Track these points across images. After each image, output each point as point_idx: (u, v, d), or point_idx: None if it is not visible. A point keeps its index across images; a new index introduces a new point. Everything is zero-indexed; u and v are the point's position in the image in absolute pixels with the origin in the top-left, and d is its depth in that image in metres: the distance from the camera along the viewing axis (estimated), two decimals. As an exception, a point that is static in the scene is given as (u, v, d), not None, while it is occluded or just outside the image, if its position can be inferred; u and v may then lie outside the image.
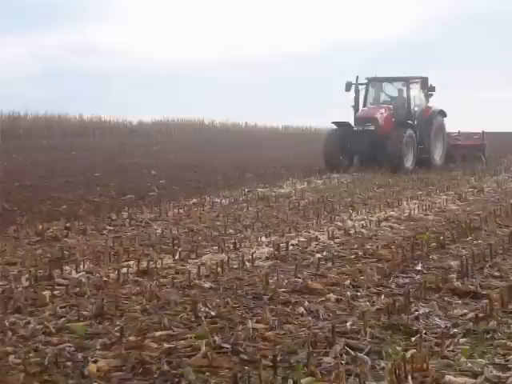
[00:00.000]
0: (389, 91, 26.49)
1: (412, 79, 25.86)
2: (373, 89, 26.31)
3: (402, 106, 25.57)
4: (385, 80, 26.45)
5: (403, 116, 25.35)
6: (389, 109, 25.25)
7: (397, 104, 25.64)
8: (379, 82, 26.46)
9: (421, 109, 25.89)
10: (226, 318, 6.46)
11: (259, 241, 10.81)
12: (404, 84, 25.85)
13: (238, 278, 8.20)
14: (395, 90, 26.29)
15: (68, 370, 5.17)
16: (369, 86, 26.15)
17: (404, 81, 25.88)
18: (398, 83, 26.20)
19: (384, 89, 26.55)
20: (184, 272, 8.55)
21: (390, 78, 26.38)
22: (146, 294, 7.32)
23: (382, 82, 26.49)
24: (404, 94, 25.73)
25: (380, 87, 26.53)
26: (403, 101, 25.63)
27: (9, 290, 7.66)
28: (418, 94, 26.09)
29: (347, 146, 24.84)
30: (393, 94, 26.36)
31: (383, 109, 25.18)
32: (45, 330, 6.14)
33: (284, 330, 6.14)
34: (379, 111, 24.93)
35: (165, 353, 5.47)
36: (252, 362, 5.31)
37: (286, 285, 7.75)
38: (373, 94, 26.24)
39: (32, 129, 45.87)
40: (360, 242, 10.56)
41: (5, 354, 5.51)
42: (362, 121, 24.86)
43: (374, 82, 26.24)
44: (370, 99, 26.10)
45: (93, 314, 6.66)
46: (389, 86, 26.48)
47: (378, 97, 26.33)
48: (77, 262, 9.07)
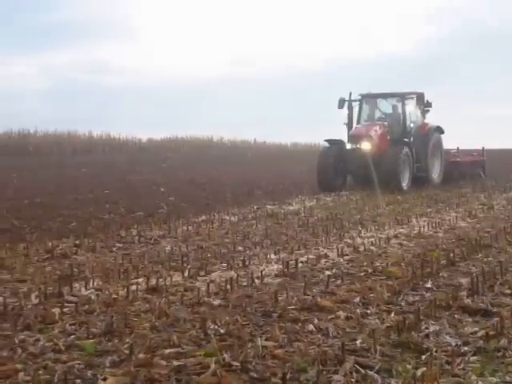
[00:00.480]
0: (383, 108, 25.55)
1: (407, 95, 24.98)
2: (367, 105, 25.36)
3: (398, 123, 24.67)
4: (379, 96, 25.53)
5: (399, 133, 24.42)
6: (383, 126, 24.30)
7: (392, 121, 24.74)
8: (373, 99, 25.55)
9: (417, 125, 25.08)
10: (236, 335, 6.43)
11: (268, 258, 10.80)
12: (399, 100, 24.97)
13: (247, 296, 8.18)
14: (390, 107, 25.40)
15: (77, 387, 5.16)
16: (362, 103, 25.20)
17: (399, 97, 24.97)
18: (392, 99, 25.29)
19: (378, 105, 25.57)
20: (193, 289, 8.54)
21: (385, 93, 25.50)
22: (155, 312, 7.31)
23: (376, 99, 25.57)
24: (399, 111, 24.86)
25: (374, 104, 25.52)
26: (398, 117, 24.77)
27: (18, 307, 7.67)
28: (414, 110, 25.25)
29: (340, 164, 23.91)
30: (387, 111, 25.42)
31: (378, 126, 24.16)
32: (54, 348, 6.14)
33: (293, 347, 6.11)
34: (373, 128, 23.91)
35: (174, 370, 5.46)
36: (261, 379, 5.29)
37: (296, 302, 7.73)
38: (367, 111, 25.32)
39: (42, 146, 46.05)
40: (369, 259, 10.53)
41: (14, 371, 5.50)
42: (355, 139, 23.80)
43: (367, 98, 25.33)
44: (363, 116, 25.18)
45: (102, 331, 6.65)
46: (383, 103, 25.56)
47: (372, 114, 25.33)
48: (86, 279, 9.08)
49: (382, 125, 24.23)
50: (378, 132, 23.74)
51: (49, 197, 20.90)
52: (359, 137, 23.61)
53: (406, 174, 23.36)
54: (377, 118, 25.07)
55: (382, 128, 24.04)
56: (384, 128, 24.12)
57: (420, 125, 25.10)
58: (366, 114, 25.16)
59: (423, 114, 25.45)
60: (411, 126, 24.66)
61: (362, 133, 23.72)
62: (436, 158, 25.39)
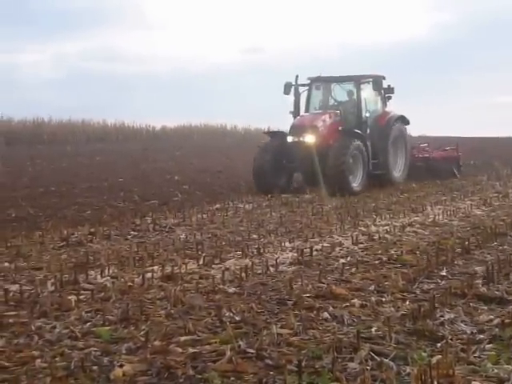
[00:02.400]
0: (337, 94, 21.71)
1: (363, 79, 20.95)
2: (317, 91, 21.49)
3: (352, 112, 20.91)
4: (331, 80, 21.40)
5: (353, 124, 20.61)
6: (335, 115, 20.42)
7: (346, 109, 20.96)
8: (325, 83, 21.50)
9: (375, 115, 21.19)
10: (251, 322, 6.46)
11: (283, 246, 10.81)
12: (354, 85, 21.03)
13: (262, 283, 8.21)
14: (344, 93, 21.60)
15: (94, 374, 5.20)
16: (312, 88, 21.29)
17: (353, 81, 21.02)
18: (346, 84, 21.42)
19: (331, 91, 21.68)
20: (208, 277, 8.57)
21: (336, 77, 21.36)
22: (170, 299, 7.34)
23: (328, 83, 21.50)
24: (354, 97, 21.07)
25: (327, 89, 21.60)
26: (353, 105, 21.00)
27: (35, 295, 7.73)
28: (372, 96, 21.30)
29: (283, 161, 19.88)
30: (341, 98, 21.60)
31: (327, 115, 20.29)
32: (71, 335, 6.18)
33: (308, 335, 6.13)
34: (321, 118, 20.08)
35: (190, 357, 5.49)
36: (277, 367, 5.30)
37: (311, 290, 7.75)
38: (318, 98, 21.48)
39: (56, 134, 46.15)
40: (384, 247, 10.52)
41: (31, 358, 5.55)
42: (297, 130, 19.84)
43: (317, 82, 21.38)
44: (314, 103, 21.36)
45: (118, 318, 6.69)
46: (337, 88, 21.65)
47: (326, 101, 21.49)
48: (102, 267, 9.13)
49: (333, 114, 20.46)
50: (326, 122, 19.97)
51: (64, 185, 20.97)
52: (302, 128, 19.76)
53: (358, 172, 19.51)
54: (330, 106, 21.31)
55: (332, 118, 20.28)
56: (335, 118, 20.36)
57: (379, 114, 21.33)
58: (317, 101, 21.41)
59: (384, 102, 21.61)
60: (367, 115, 20.75)
61: (305, 123, 19.93)
62: (399, 153, 21.75)
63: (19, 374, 5.19)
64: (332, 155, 18.86)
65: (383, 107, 21.59)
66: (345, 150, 19.04)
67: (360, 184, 19.38)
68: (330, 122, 20.07)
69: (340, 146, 19.12)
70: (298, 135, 19.63)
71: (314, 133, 19.47)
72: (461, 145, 25.06)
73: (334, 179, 18.53)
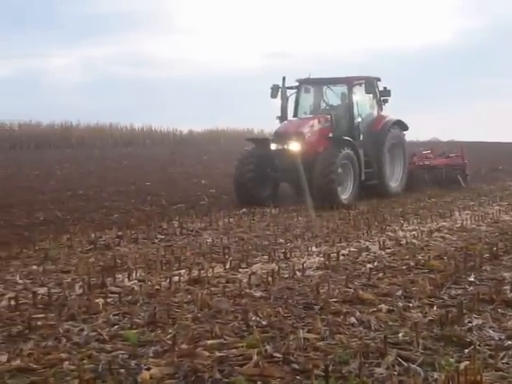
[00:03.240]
0: (327, 97, 19.95)
1: (355, 81, 19.15)
2: (306, 94, 19.79)
3: (344, 117, 19.04)
4: (320, 82, 19.70)
5: (345, 129, 18.78)
6: (324, 120, 18.56)
7: (337, 114, 19.00)
8: (314, 86, 19.86)
9: (370, 120, 19.47)
10: (277, 327, 6.46)
11: (309, 250, 10.81)
12: (346, 87, 19.27)
13: (289, 288, 8.20)
14: (335, 96, 19.87)
15: (121, 377, 5.22)
16: (301, 91, 19.62)
17: (344, 83, 19.27)
18: (338, 86, 19.71)
19: (321, 94, 19.89)
20: (235, 281, 8.58)
21: (327, 79, 19.68)
22: (197, 303, 7.36)
23: (318, 85, 19.80)
24: (346, 101, 19.27)
25: (316, 92, 19.89)
26: (345, 109, 19.14)
27: (63, 298, 7.79)
28: (366, 100, 19.59)
29: (268, 170, 18.15)
30: (332, 101, 19.87)
31: (315, 120, 18.47)
32: (98, 337, 6.22)
33: (335, 340, 6.12)
34: (308, 124, 18.29)
35: (217, 361, 5.49)
36: (303, 371, 5.30)
37: (337, 295, 7.73)
38: (307, 102, 19.75)
39: (84, 138, 46.45)
40: (411, 252, 10.47)
41: (59, 360, 5.59)
42: (282, 137, 18.04)
43: (306, 85, 19.75)
44: (303, 108, 19.65)
45: (145, 321, 6.72)
46: (328, 91, 19.92)
47: (315, 104, 19.71)
48: (129, 270, 9.17)
49: (323, 119, 18.60)
50: (313, 128, 18.19)
51: (91, 189, 21.10)
52: (286, 135, 17.97)
53: (348, 183, 17.86)
54: (320, 111, 19.48)
55: (321, 123, 18.46)
56: (325, 123, 18.51)
57: (374, 119, 19.62)
58: (306, 105, 19.69)
59: (380, 106, 19.91)
60: (359, 120, 18.94)
61: (289, 130, 18.15)
62: (396, 162, 19.97)
63: (47, 376, 5.22)
64: (319, 165, 17.14)
65: (379, 111, 19.89)
66: (333, 159, 17.27)
67: (350, 196, 17.69)
68: (319, 128, 18.28)
69: (327, 155, 17.35)
70: (282, 143, 17.87)
71: (299, 140, 17.73)
72: (488, 150, 24.50)
73: (321, 191, 16.97)
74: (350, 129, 18.77)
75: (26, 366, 5.47)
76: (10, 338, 6.32)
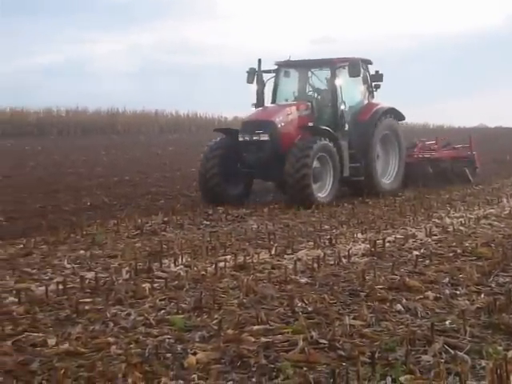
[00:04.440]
0: (309, 82, 17.54)
1: (340, 63, 16.68)
2: (286, 79, 17.44)
3: (327, 104, 16.83)
4: (301, 65, 17.45)
5: (327, 118, 16.61)
6: (304, 108, 16.31)
7: (320, 100, 16.95)
8: (294, 69, 17.57)
9: (358, 107, 17.20)
10: (323, 313, 6.44)
11: (355, 237, 10.76)
12: (329, 71, 16.93)
13: (334, 274, 8.18)
14: (317, 80, 17.48)
15: (168, 361, 5.26)
16: (280, 75, 17.27)
17: (327, 66, 16.98)
18: (320, 70, 17.36)
19: (302, 78, 17.55)
20: (280, 267, 8.59)
21: (308, 61, 17.47)
22: (242, 288, 7.38)
23: (299, 69, 17.52)
24: (329, 86, 16.98)
25: (297, 76, 17.59)
26: (327, 96, 16.89)
27: (110, 282, 7.86)
28: (352, 85, 17.06)
29: (236, 165, 15.91)
30: (314, 86, 17.46)
31: (292, 108, 16.17)
32: (145, 322, 6.27)
33: (381, 327, 6.09)
34: (283, 112, 15.96)
35: (262, 347, 5.50)
36: (349, 358, 5.28)
37: (383, 282, 7.68)
38: (287, 87, 17.42)
39: (130, 125, 46.74)
40: (458, 239, 10.37)
41: (107, 344, 5.64)
42: (250, 126, 15.80)
43: (286, 68, 17.40)
44: (282, 94, 17.28)
45: (191, 307, 6.75)
46: (309, 75, 17.50)
47: (296, 90, 17.37)
48: (175, 256, 9.23)
49: (304, 106, 16.38)
50: (289, 117, 15.87)
51: (137, 175, 21.26)
52: (255, 124, 15.79)
53: (327, 179, 15.61)
54: (301, 97, 17.18)
55: (300, 111, 16.20)
56: (305, 111, 16.28)
57: (362, 106, 17.33)
58: (286, 90, 17.36)
59: (370, 91, 17.55)
60: (342, 107, 16.59)
61: (259, 118, 15.98)
62: (390, 155, 17.75)
63: (95, 359, 5.27)
64: (290, 158, 14.94)
65: (369, 98, 17.51)
66: (306, 151, 15.00)
67: (329, 193, 15.49)
68: (297, 117, 15.98)
69: (301, 147, 15.09)
70: (250, 133, 15.56)
71: (270, 130, 15.41)
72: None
73: (293, 188, 14.90)
74: (333, 117, 16.54)
75: (74, 349, 5.52)
76: (59, 322, 6.40)
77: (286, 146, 15.18)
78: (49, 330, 6.10)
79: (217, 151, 15.76)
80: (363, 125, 16.80)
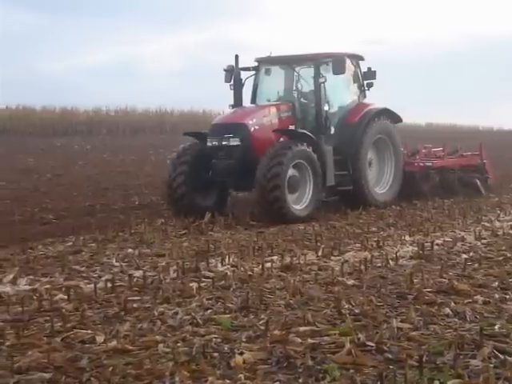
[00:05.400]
0: (292, 80, 15.60)
1: (324, 58, 14.93)
2: (267, 77, 15.62)
3: (309, 105, 15.11)
4: (282, 61, 15.62)
5: (310, 120, 14.94)
6: (286, 108, 14.64)
7: (304, 101, 15.24)
8: (276, 66, 15.74)
9: (347, 108, 15.46)
10: (370, 316, 6.40)
11: (403, 239, 10.69)
12: (313, 67, 15.03)
13: (382, 277, 8.13)
14: (301, 79, 15.42)
15: (215, 360, 5.27)
16: (260, 73, 15.51)
17: (310, 62, 15.12)
18: (303, 67, 15.39)
19: (285, 76, 15.70)
20: (327, 268, 8.57)
21: (290, 57, 15.52)
22: (289, 289, 7.38)
23: (281, 66, 15.71)
24: (312, 84, 15.04)
25: (279, 74, 15.75)
26: (311, 95, 15.12)
27: (157, 281, 7.92)
28: (339, 83, 15.32)
29: (209, 173, 14.10)
30: (297, 85, 15.50)
31: (271, 109, 14.42)
32: (192, 321, 6.29)
33: (429, 330, 6.03)
34: (258, 113, 14.24)
35: (309, 348, 5.48)
36: (397, 361, 5.24)
37: (431, 285, 7.61)
38: (269, 86, 15.63)
39: (178, 124, 46.98)
40: (508, 243, 10.23)
41: (154, 342, 5.68)
42: (220, 130, 14.06)
43: (266, 65, 15.60)
44: (263, 94, 15.52)
45: (238, 306, 6.77)
46: (292, 72, 15.50)
47: (282, 89, 15.60)
48: (222, 256, 9.26)
49: (285, 107, 14.69)
50: (264, 119, 14.13)
51: (185, 174, 21.31)
52: (225, 127, 14.06)
53: (306, 190, 13.74)
54: (284, 97, 15.40)
55: (280, 112, 14.48)
56: (285, 112, 14.59)
57: (352, 107, 15.54)
58: (269, 90, 15.58)
59: (362, 91, 15.88)
60: (325, 109, 14.81)
61: (230, 121, 14.34)
62: (386, 162, 15.95)
63: (142, 357, 5.31)
64: (261, 167, 13.08)
65: (360, 98, 15.82)
66: (279, 158, 13.10)
67: (308, 205, 13.59)
68: (275, 119, 14.26)
69: (273, 154, 13.19)
70: (220, 137, 13.81)
71: (241, 133, 13.69)
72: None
73: (264, 201, 13.05)
74: (317, 119, 14.80)
75: (122, 347, 5.57)
76: (107, 320, 6.46)
77: (261, 152, 13.30)
78: (97, 328, 6.16)
79: (185, 158, 14.05)
80: (352, 128, 15.07)
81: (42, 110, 37.08)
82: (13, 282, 8.12)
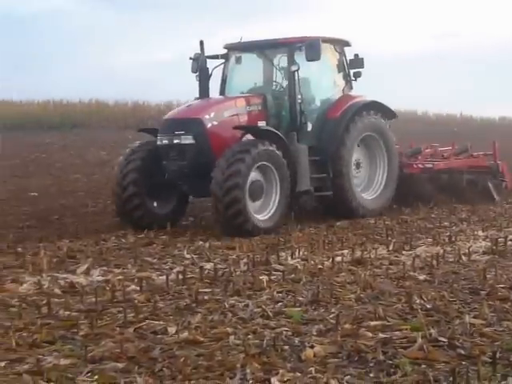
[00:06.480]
0: (264, 68, 13.57)
1: (298, 43, 12.76)
2: (238, 65, 13.64)
3: (283, 97, 12.97)
4: (255, 48, 13.56)
5: (284, 115, 12.89)
6: (257, 101, 12.69)
7: (277, 93, 13.15)
8: (248, 53, 13.72)
9: (330, 101, 13.48)
10: (442, 311, 6.33)
11: (475, 234, 10.55)
12: (286, 54, 13.01)
13: (454, 272, 8.03)
14: (273, 67, 13.33)
15: (285, 353, 5.27)
16: (230, 61, 13.60)
17: (284, 47, 13.05)
18: (277, 54, 13.31)
19: (259, 64, 13.62)
20: (398, 263, 8.51)
21: (261, 42, 13.47)
22: (360, 283, 7.34)
23: (253, 52, 13.68)
24: (285, 73, 13.06)
25: (252, 62, 13.68)
26: (285, 86, 13.07)
27: (228, 274, 7.98)
28: (323, 72, 13.56)
29: (164, 176, 12.20)
30: (271, 74, 13.47)
31: (237, 101, 12.58)
32: (263, 314, 6.31)
33: (503, 326, 5.92)
34: (216, 107, 12.33)
35: (380, 342, 5.45)
36: (469, 357, 5.17)
37: (505, 281, 7.49)
38: (242, 76, 13.66)
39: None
40: None
41: (225, 334, 5.71)
42: (171, 126, 12.15)
43: (237, 52, 13.63)
44: (234, 85, 13.59)
45: (308, 300, 6.76)
46: (265, 60, 13.49)
47: (259, 78, 13.55)
48: (292, 249, 9.28)
49: (255, 99, 12.73)
50: (224, 114, 12.17)
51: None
52: (177, 123, 12.11)
53: (272, 197, 11.72)
54: (256, 88, 13.39)
55: (249, 106, 12.56)
56: (255, 106, 12.63)
57: (334, 100, 13.52)
58: (242, 80, 13.61)
59: (348, 81, 13.87)
60: (299, 101, 12.74)
61: (183, 116, 12.31)
62: (377, 163, 13.89)
63: (214, 349, 5.35)
64: (216, 173, 11.14)
65: (345, 89, 13.79)
66: (236, 164, 11.10)
67: (273, 215, 11.60)
68: (242, 114, 12.37)
69: (229, 157, 11.20)
70: (171, 135, 11.92)
71: (195, 130, 11.77)
72: None
73: (223, 215, 11.09)
74: (292, 114, 12.78)
75: (193, 338, 5.62)
76: (178, 311, 6.53)
77: (220, 153, 11.38)
78: (169, 319, 6.23)
79: (134, 162, 12.05)
80: (333, 123, 13.08)
81: (114, 104, 37.54)
82: (86, 272, 8.29)
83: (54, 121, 27.52)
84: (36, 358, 5.06)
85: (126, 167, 11.97)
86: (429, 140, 16.99)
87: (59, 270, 8.50)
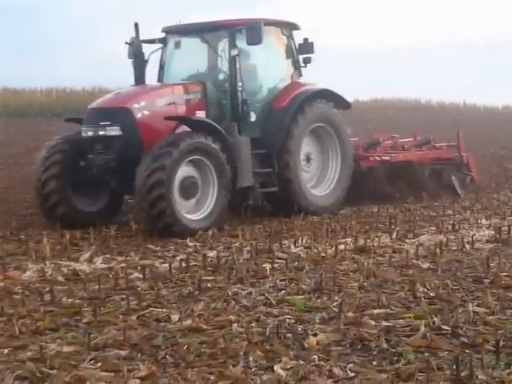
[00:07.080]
0: (203, 53, 12.45)
1: (240, 25, 11.71)
2: (177, 50, 12.53)
3: (222, 85, 11.91)
4: (193, 31, 12.45)
5: (225, 104, 11.79)
6: (195, 89, 11.64)
7: (217, 80, 12.08)
8: (187, 37, 12.58)
9: (277, 89, 12.37)
10: (446, 299, 6.32)
11: (479, 223, 10.53)
12: (228, 37, 11.86)
13: (457, 260, 8.02)
14: (214, 52, 12.19)
15: (288, 341, 5.27)
16: (168, 46, 12.53)
17: (223, 30, 11.97)
18: (217, 37, 12.19)
19: (197, 49, 12.49)
20: (401, 251, 8.50)
21: (200, 25, 12.43)
22: (363, 272, 7.34)
23: (192, 37, 12.51)
24: (226, 58, 11.82)
25: (191, 47, 12.58)
26: (225, 72, 11.84)
27: (231, 261, 7.98)
28: (269, 58, 12.54)
29: (91, 170, 11.12)
30: (211, 60, 12.39)
31: (172, 88, 11.62)
32: (266, 302, 6.31)
33: (506, 315, 5.92)
34: (147, 95, 11.39)
35: (383, 331, 5.45)
36: (473, 345, 5.16)
37: (509, 269, 7.47)
38: (180, 61, 12.56)
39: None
40: None
41: (228, 322, 5.72)
42: (96, 116, 11.14)
43: (175, 36, 12.58)
44: (172, 71, 12.52)
45: (311, 288, 6.77)
46: (202, 44, 12.36)
47: (199, 63, 12.48)
48: (295, 237, 9.27)
49: (193, 87, 11.69)
50: (156, 102, 11.20)
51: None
52: (103, 113, 11.09)
53: (209, 193, 10.72)
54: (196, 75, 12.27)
55: (185, 94, 11.53)
56: (193, 94, 11.61)
57: (281, 88, 12.41)
58: (183, 66, 12.49)
59: (296, 67, 12.73)
60: (238, 88, 11.63)
61: (108, 105, 11.27)
62: (328, 157, 12.74)
63: (217, 337, 5.35)
64: (141, 170, 10.22)
65: (294, 76, 12.65)
66: (162, 160, 10.14)
67: (209, 214, 10.60)
68: (179, 102, 11.38)
69: (155, 151, 10.25)
70: (95, 126, 10.91)
71: (122, 121, 10.79)
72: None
73: (147, 214, 10.17)
74: (231, 104, 11.73)
75: (196, 326, 5.62)
76: (181, 299, 6.54)
77: (152, 145, 10.44)
78: (172, 306, 6.24)
79: (56, 155, 11.09)
80: (279, 113, 12.01)
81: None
82: (89, 260, 8.31)
83: (58, 109, 27.49)
84: (39, 346, 5.07)
85: (46, 160, 11.02)
86: (432, 130, 16.87)
87: (62, 257, 8.52)
